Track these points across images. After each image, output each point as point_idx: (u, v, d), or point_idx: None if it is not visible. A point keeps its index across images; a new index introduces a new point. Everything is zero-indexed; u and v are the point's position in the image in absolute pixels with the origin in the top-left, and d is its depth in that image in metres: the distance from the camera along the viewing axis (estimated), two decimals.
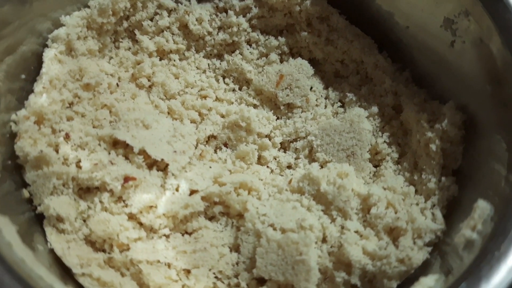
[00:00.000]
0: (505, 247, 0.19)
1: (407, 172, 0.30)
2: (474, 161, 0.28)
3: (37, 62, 0.31)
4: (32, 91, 0.30)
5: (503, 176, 0.24)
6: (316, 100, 0.34)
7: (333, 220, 0.28)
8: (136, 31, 0.34)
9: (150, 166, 0.30)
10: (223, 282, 0.28)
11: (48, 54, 0.31)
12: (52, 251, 0.27)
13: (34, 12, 0.30)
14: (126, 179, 0.29)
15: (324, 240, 0.28)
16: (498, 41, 0.26)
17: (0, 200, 0.25)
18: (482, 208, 0.23)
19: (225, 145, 0.33)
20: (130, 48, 0.34)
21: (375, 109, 0.33)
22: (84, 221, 0.28)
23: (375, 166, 0.32)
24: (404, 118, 0.32)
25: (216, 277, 0.28)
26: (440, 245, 0.26)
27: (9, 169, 0.28)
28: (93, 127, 0.30)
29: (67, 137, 0.29)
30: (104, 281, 0.26)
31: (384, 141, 0.32)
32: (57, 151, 0.29)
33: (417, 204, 0.28)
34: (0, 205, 0.25)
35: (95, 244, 0.28)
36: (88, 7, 0.33)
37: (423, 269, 0.26)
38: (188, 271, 0.28)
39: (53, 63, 0.31)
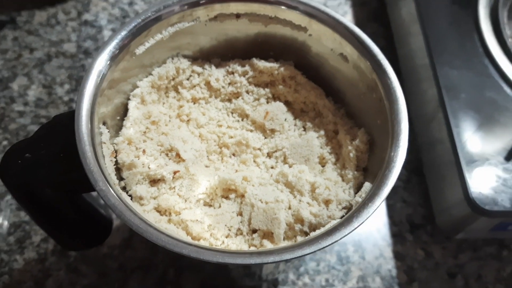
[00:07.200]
0: (368, 202, 0.39)
1: (339, 169, 0.49)
2: (371, 162, 0.48)
3: (125, 110, 0.48)
4: (123, 126, 0.48)
5: (384, 167, 0.44)
6: (288, 127, 0.52)
7: (294, 197, 0.47)
8: (179, 87, 0.53)
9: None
10: (232, 232, 0.47)
11: (131, 104, 0.48)
12: None
13: (123, 81, 0.48)
14: (174, 172, 0.47)
15: (289, 207, 0.46)
16: (387, 105, 0.45)
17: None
18: (366, 186, 0.43)
19: (233, 154, 0.52)
20: (175, 97, 0.53)
21: (322, 132, 0.51)
22: (154, 198, 0.47)
23: (322, 166, 0.51)
24: (339, 138, 0.50)
25: (228, 229, 0.46)
26: (350, 207, 0.46)
27: (115, 171, 0.45)
28: (157, 145, 0.50)
29: (143, 152, 0.46)
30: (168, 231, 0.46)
31: (327, 152, 0.51)
32: (138, 159, 0.49)
33: (342, 187, 0.47)
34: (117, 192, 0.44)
35: (160, 211, 0.47)
36: (152, 74, 0.52)
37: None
38: (213, 226, 0.48)
39: (134, 109, 0.49)
